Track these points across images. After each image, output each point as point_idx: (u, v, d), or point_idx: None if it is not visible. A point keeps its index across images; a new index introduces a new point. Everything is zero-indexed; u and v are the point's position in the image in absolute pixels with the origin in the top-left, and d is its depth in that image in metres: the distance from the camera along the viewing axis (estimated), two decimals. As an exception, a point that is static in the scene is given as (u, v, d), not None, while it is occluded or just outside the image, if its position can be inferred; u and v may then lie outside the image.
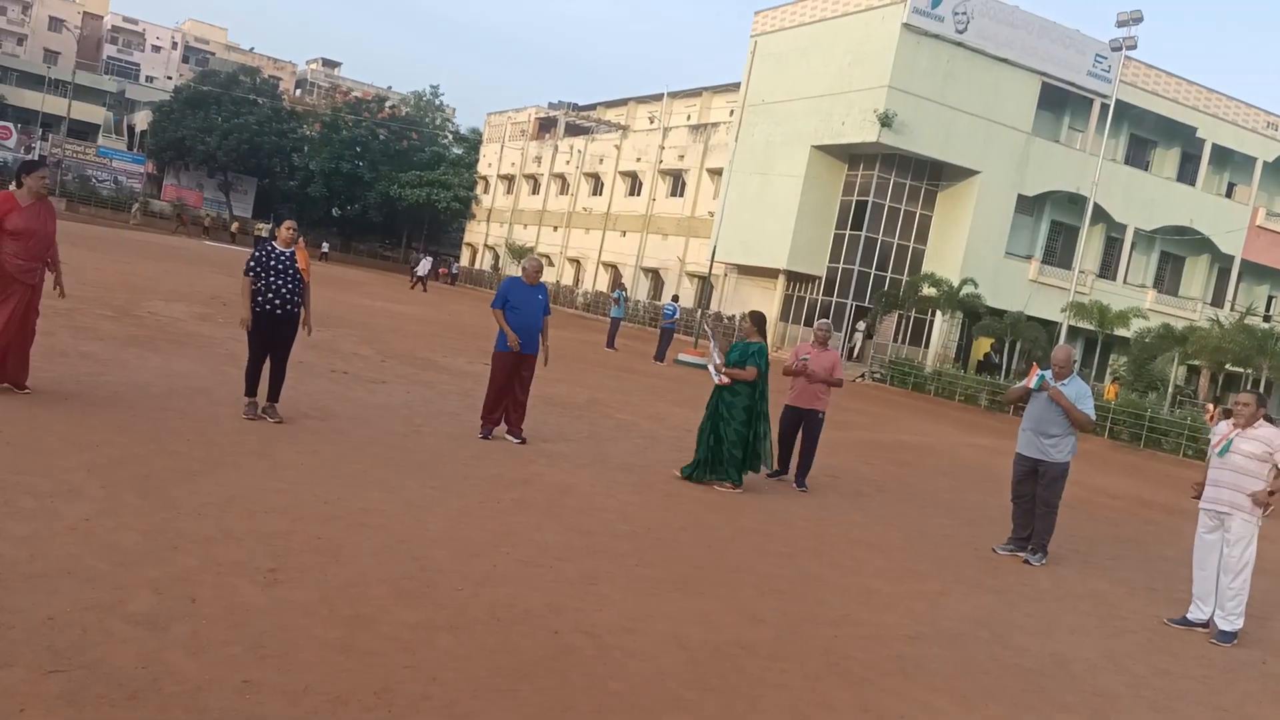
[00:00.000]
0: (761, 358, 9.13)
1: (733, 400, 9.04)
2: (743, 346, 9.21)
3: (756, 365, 9.06)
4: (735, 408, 9.02)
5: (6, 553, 4.36)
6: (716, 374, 9.15)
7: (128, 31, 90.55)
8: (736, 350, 9.23)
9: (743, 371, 9.03)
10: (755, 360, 9.07)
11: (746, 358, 9.09)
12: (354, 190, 69.12)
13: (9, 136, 66.94)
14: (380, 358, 14.39)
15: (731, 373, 9.06)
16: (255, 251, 8.54)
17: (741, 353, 9.15)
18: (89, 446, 6.40)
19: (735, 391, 9.04)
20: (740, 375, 9.04)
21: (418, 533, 5.84)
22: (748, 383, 9.06)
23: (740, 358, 9.12)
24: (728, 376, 9.04)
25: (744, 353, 9.14)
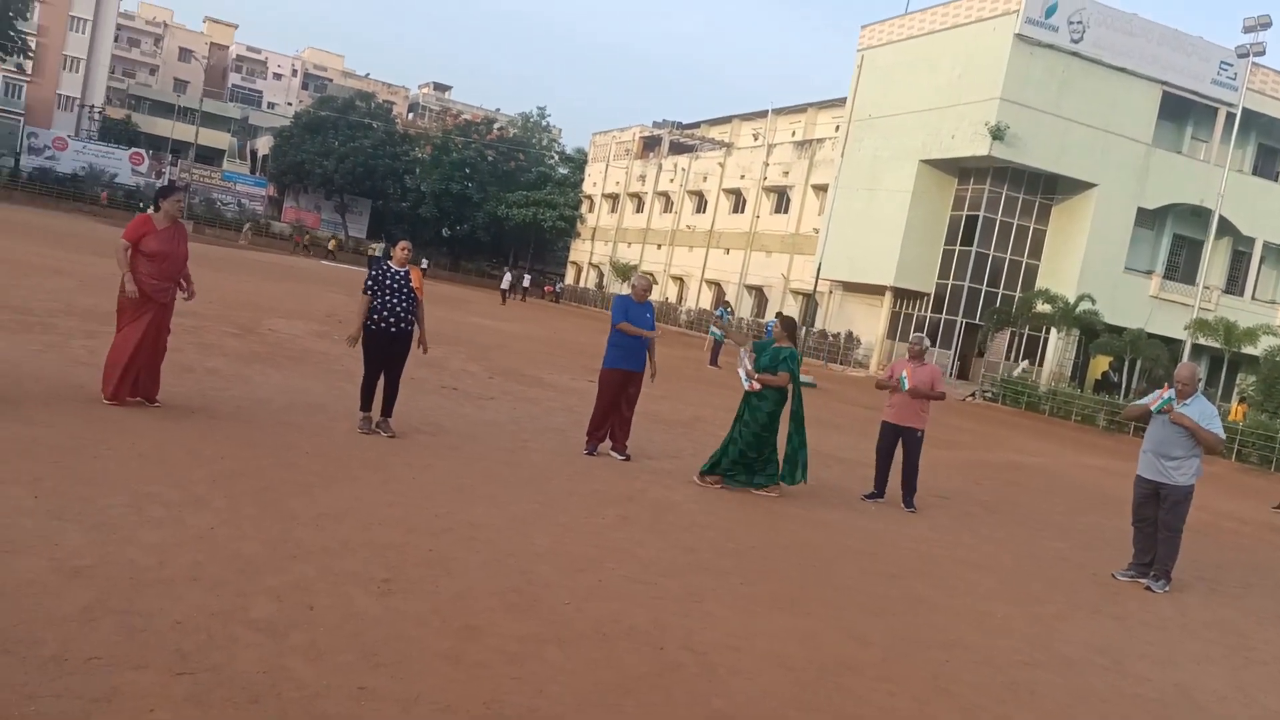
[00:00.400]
0: (794, 363, 8.99)
1: (759, 405, 8.89)
2: (774, 352, 9.04)
3: (789, 370, 8.92)
4: (760, 412, 8.87)
5: (138, 559, 4.58)
6: (747, 380, 8.92)
7: (251, 60, 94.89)
8: (767, 355, 9.04)
9: (775, 378, 8.87)
10: (787, 366, 8.93)
11: (778, 363, 8.93)
12: (463, 210, 70.82)
13: (141, 162, 70.73)
14: (488, 374, 14.66)
15: (764, 379, 8.87)
16: (371, 270, 8.81)
17: (772, 358, 8.98)
18: (214, 459, 6.68)
19: (763, 396, 8.88)
20: (772, 381, 8.87)
21: (524, 547, 5.91)
22: (777, 389, 8.93)
23: (771, 363, 8.94)
24: (759, 383, 8.86)
25: (775, 358, 8.97)
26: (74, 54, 74.30)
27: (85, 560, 4.44)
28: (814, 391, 23.78)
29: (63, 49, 73.66)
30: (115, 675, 3.43)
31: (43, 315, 12.07)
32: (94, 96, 75.84)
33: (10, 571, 4.15)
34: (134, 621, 3.90)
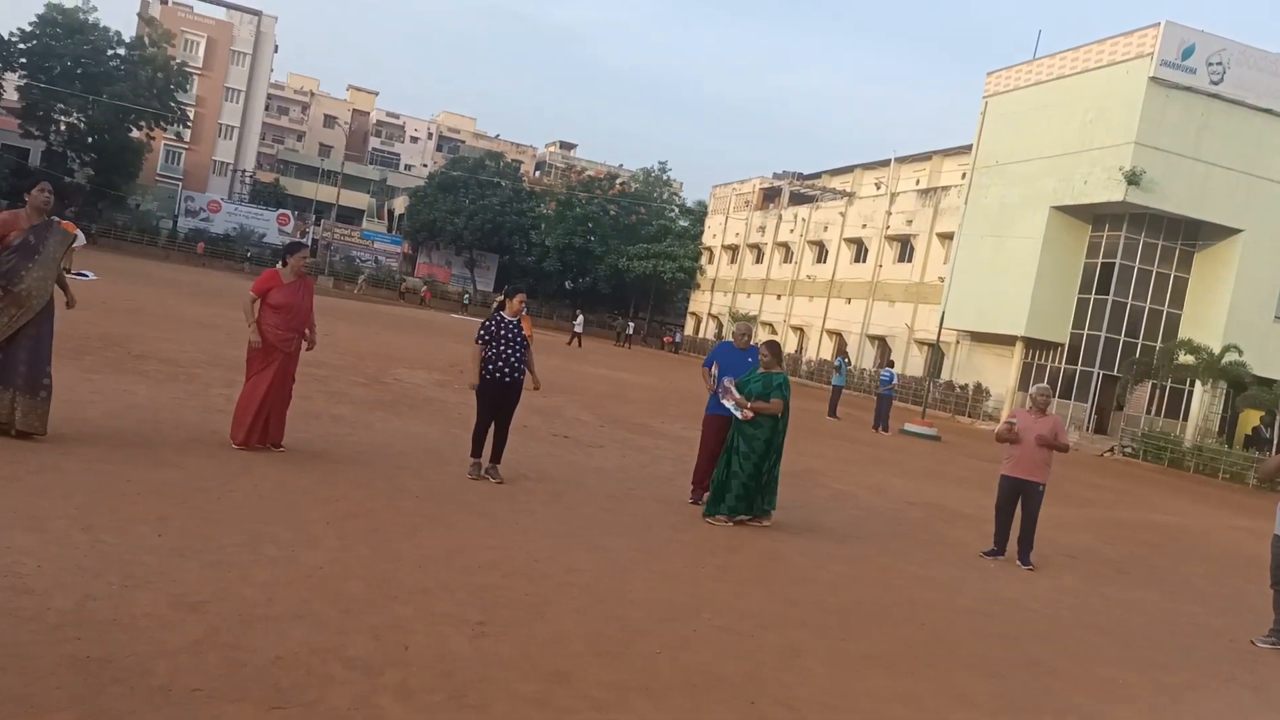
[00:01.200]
0: (786, 389, 8.76)
1: (754, 433, 8.64)
2: (765, 378, 8.80)
3: (782, 397, 8.70)
4: (756, 440, 8.63)
5: (249, 595, 4.78)
6: (738, 409, 8.65)
7: (390, 125, 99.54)
8: (758, 382, 8.80)
9: (767, 405, 8.64)
10: (780, 392, 8.71)
11: (770, 390, 8.70)
12: (585, 264, 72.17)
13: (288, 223, 74.71)
14: (600, 423, 14.81)
15: (757, 406, 8.64)
16: (486, 321, 9.06)
17: (765, 384, 8.74)
18: (330, 501, 6.94)
19: (757, 424, 8.64)
20: (765, 409, 8.64)
21: (620, 593, 5.92)
22: (771, 416, 8.69)
23: (764, 390, 8.71)
24: (752, 411, 8.61)
25: (767, 384, 8.74)
26: (228, 122, 79.47)
27: (200, 596, 4.66)
28: (936, 445, 23.13)
29: (218, 118, 78.89)
30: (214, 707, 3.58)
31: (187, 366, 12.82)
32: (246, 161, 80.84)
33: (130, 604, 4.39)
34: (238, 656, 4.06)
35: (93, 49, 61.82)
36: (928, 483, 14.92)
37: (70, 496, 5.86)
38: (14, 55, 61.02)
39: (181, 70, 68.01)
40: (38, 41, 60.71)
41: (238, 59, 79.33)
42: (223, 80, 78.64)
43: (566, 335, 48.23)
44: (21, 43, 60.78)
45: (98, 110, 60.85)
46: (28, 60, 60.88)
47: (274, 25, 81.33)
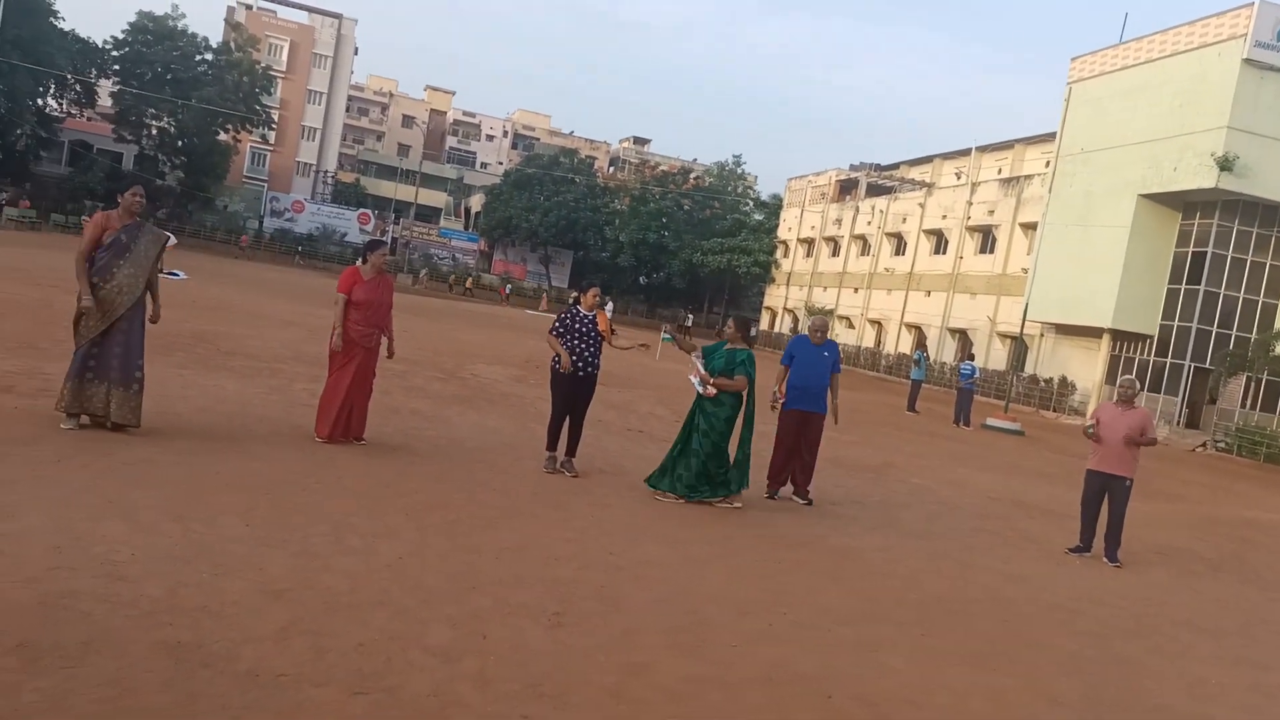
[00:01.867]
0: (750, 366, 8.54)
1: (715, 411, 8.44)
2: (729, 355, 8.58)
3: (746, 374, 8.48)
4: (717, 419, 8.43)
5: (333, 584, 4.89)
6: (702, 385, 8.47)
7: (466, 124, 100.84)
8: (721, 358, 8.59)
9: (731, 381, 8.44)
10: (744, 369, 8.49)
11: (734, 366, 8.49)
12: (659, 259, 72.21)
13: (368, 222, 76.20)
14: (674, 418, 14.76)
15: (720, 383, 8.44)
16: (561, 315, 9.14)
17: (728, 361, 8.53)
18: (409, 493, 7.07)
19: (719, 402, 8.45)
20: (729, 385, 8.45)
21: (696, 587, 5.91)
22: (734, 394, 8.50)
23: (727, 366, 8.51)
24: (715, 387, 8.42)
25: (730, 361, 8.53)
26: (311, 124, 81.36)
27: (286, 584, 4.78)
28: (1019, 440, 22.61)
29: (301, 120, 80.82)
30: (299, 692, 3.67)
31: (271, 361, 13.16)
32: (328, 162, 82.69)
33: (219, 592, 4.52)
34: (322, 642, 4.16)
35: (181, 55, 63.84)
36: (1010, 478, 14.59)
37: (163, 487, 6.06)
38: (108, 63, 63.36)
39: (266, 74, 69.85)
40: (130, 49, 62.95)
41: (319, 62, 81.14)
42: (305, 83, 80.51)
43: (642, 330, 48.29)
44: (115, 50, 63.07)
45: (187, 114, 62.81)
46: (120, 67, 63.18)
47: (354, 28, 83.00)
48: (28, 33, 51.15)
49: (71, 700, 3.31)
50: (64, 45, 57.59)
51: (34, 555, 4.55)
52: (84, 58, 61.53)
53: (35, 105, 57.49)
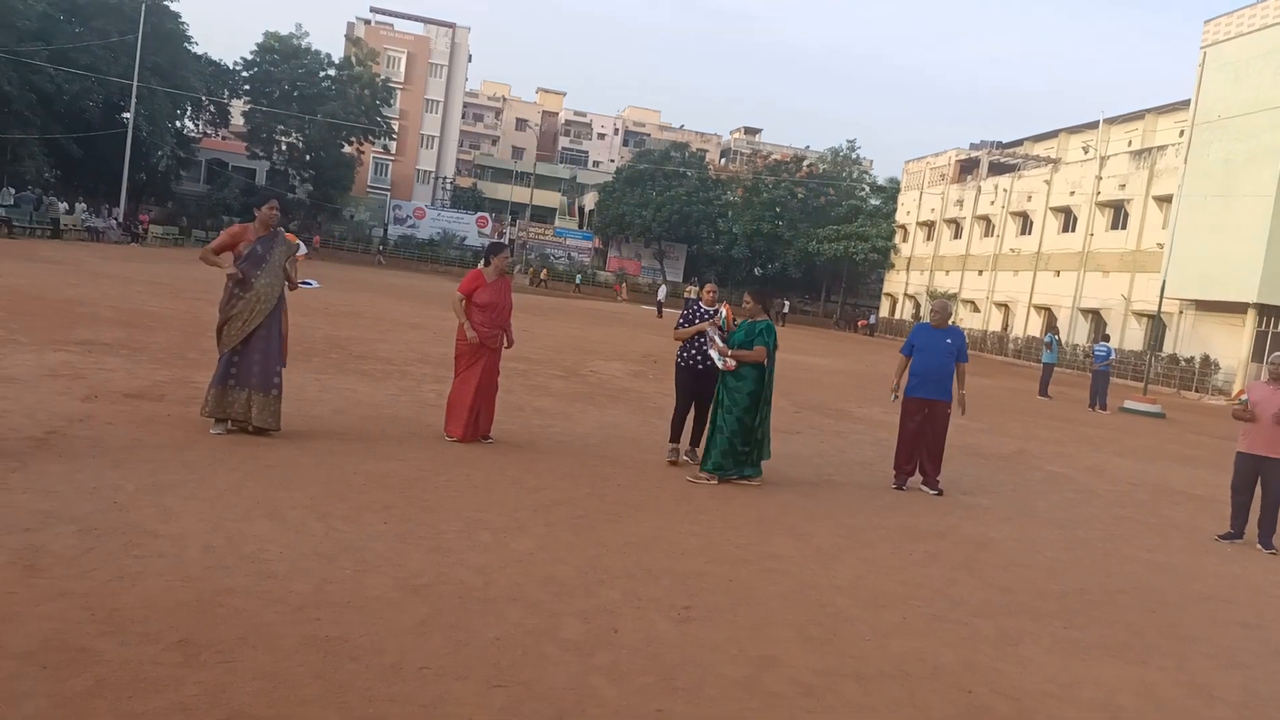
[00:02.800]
0: (770, 335, 8.22)
1: (738, 385, 8.19)
2: (748, 326, 8.30)
3: (765, 344, 8.17)
4: (740, 393, 8.17)
5: (466, 579, 5.01)
6: (720, 359, 8.19)
7: (578, 124, 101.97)
8: (741, 330, 8.32)
9: (750, 353, 8.18)
10: (763, 339, 8.19)
11: (754, 337, 8.21)
12: (773, 249, 71.58)
13: (486, 225, 77.90)
14: (795, 408, 14.65)
15: (739, 355, 8.19)
16: (684, 310, 9.21)
17: (747, 332, 8.26)
18: (536, 489, 7.19)
19: (740, 376, 8.18)
20: (747, 357, 8.18)
21: (825, 580, 5.84)
22: (755, 366, 8.19)
23: (746, 338, 8.23)
24: (734, 360, 8.15)
25: (750, 332, 8.24)
26: (429, 132, 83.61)
27: (423, 579, 4.92)
28: (1160, 423, 21.58)
29: (420, 129, 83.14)
30: (440, 684, 3.77)
31: (400, 364, 13.58)
32: (446, 169, 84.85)
33: (362, 588, 4.69)
34: (460, 636, 4.27)
35: (306, 72, 66.50)
36: (1152, 463, 13.94)
37: (305, 488, 6.32)
38: (239, 83, 66.49)
39: (386, 86, 72.14)
40: (258, 69, 65.92)
41: (435, 71, 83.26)
42: (422, 92, 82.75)
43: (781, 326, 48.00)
44: (244, 71, 66.14)
45: (313, 129, 65.38)
46: (250, 87, 66.24)
47: (467, 36, 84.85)
48: (166, 59, 54.06)
49: (230, 693, 3.48)
50: (198, 69, 60.64)
51: (191, 555, 4.81)
52: (217, 80, 64.69)
53: (174, 127, 60.72)
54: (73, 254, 30.66)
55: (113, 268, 26.47)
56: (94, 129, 50.47)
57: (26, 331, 11.60)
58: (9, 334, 11.20)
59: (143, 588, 4.31)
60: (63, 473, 5.89)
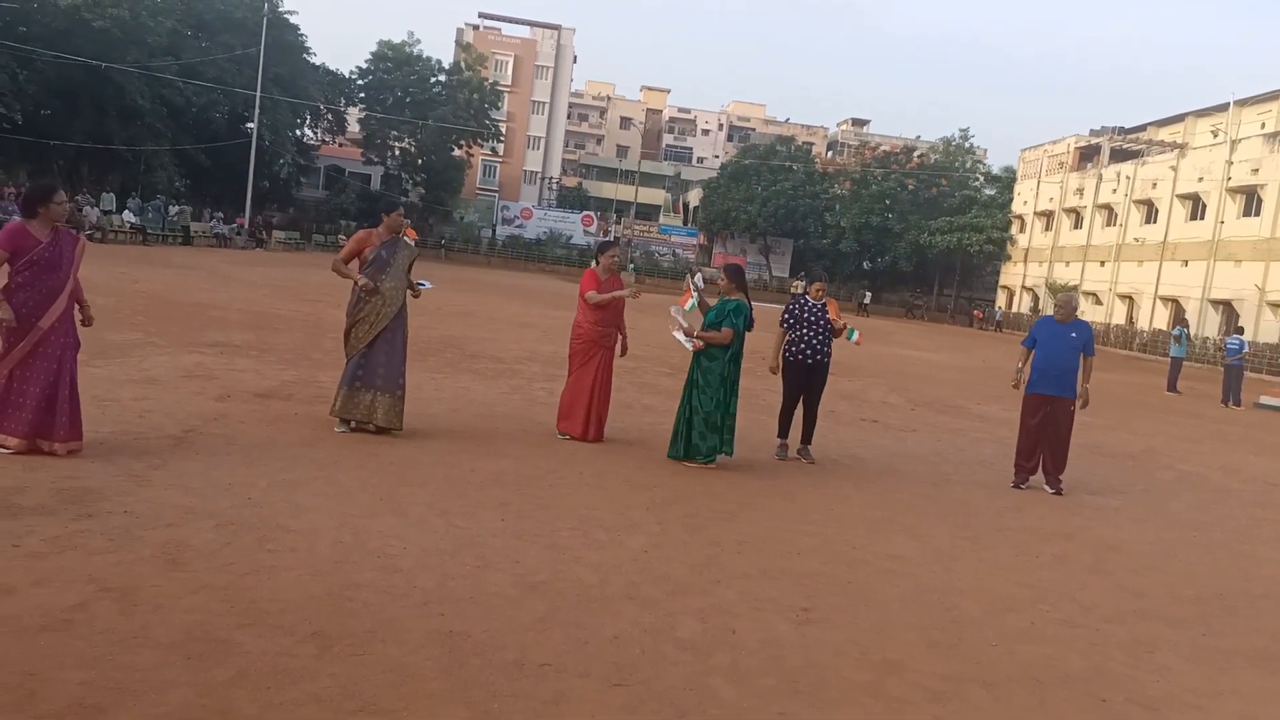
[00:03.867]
0: (739, 316, 7.90)
1: (709, 365, 7.93)
2: (719, 306, 8.03)
3: (733, 326, 7.87)
4: (711, 373, 7.90)
5: (583, 577, 5.06)
6: (687, 340, 7.92)
7: (682, 121, 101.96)
8: (712, 310, 8.06)
9: (717, 334, 7.91)
10: (731, 320, 7.89)
11: (723, 317, 7.92)
12: (883, 242, 70.28)
13: (591, 224, 78.57)
14: (909, 406, 14.35)
15: (705, 336, 7.92)
16: (789, 305, 9.12)
17: (718, 312, 7.99)
18: (647, 487, 7.21)
19: (711, 356, 7.92)
20: (714, 339, 7.92)
21: (947, 582, 5.69)
22: (725, 346, 7.90)
23: (716, 318, 7.95)
24: (700, 340, 7.90)
25: (720, 312, 7.97)
26: (535, 133, 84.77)
27: (541, 576, 4.99)
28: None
29: (526, 130, 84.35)
30: (562, 682, 3.81)
31: (511, 363, 13.81)
32: (552, 169, 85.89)
33: (482, 584, 4.78)
34: (579, 634, 4.31)
35: (418, 78, 68.18)
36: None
37: (426, 484, 6.48)
38: (354, 91, 68.62)
39: (494, 89, 73.41)
40: (373, 77, 67.90)
41: (541, 73, 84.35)
42: (529, 94, 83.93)
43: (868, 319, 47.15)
44: (360, 79, 68.25)
45: (425, 134, 67.02)
46: (366, 95, 68.27)
47: (572, 37, 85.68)
48: (286, 70, 56.18)
49: (361, 685, 3.58)
50: (317, 79, 62.80)
51: (321, 550, 4.98)
52: (334, 89, 66.85)
53: (295, 136, 62.99)
54: (202, 260, 32.13)
55: (239, 272, 27.64)
56: (220, 139, 52.75)
57: (163, 335, 12.20)
58: (147, 337, 11.79)
59: (277, 581, 4.48)
60: (200, 470, 6.17)
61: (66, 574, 4.26)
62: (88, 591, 4.10)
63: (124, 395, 8.18)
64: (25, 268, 5.98)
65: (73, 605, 3.95)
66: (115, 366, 9.42)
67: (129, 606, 4.01)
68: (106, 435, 6.69)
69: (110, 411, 7.44)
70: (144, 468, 6.05)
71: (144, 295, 17.06)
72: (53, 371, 6.02)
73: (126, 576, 4.31)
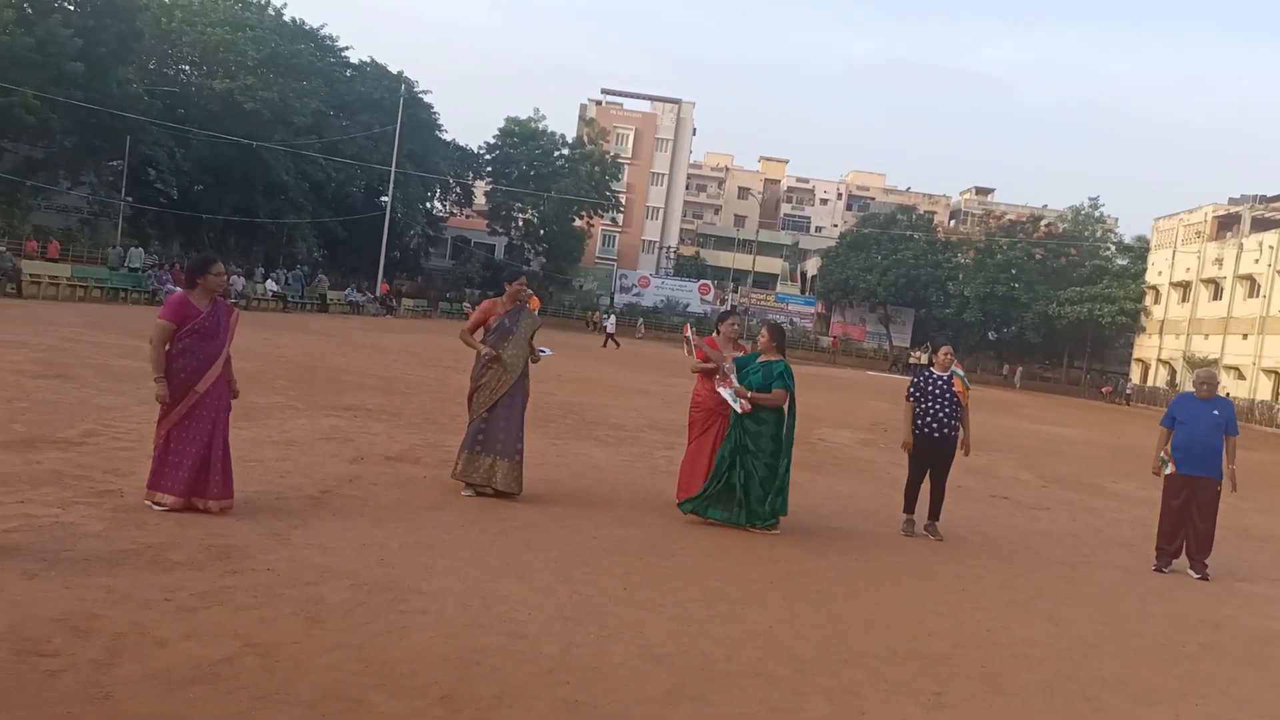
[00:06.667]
0: (789, 378, 7.73)
1: (759, 430, 7.78)
2: (765, 367, 7.84)
3: (785, 387, 7.72)
4: (762, 438, 7.77)
5: (708, 650, 5.01)
6: (736, 400, 7.69)
7: (800, 190, 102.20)
8: (758, 372, 7.83)
9: (770, 396, 7.74)
10: (783, 382, 7.76)
11: (772, 379, 7.74)
12: (1009, 312, 68.51)
13: (708, 292, 79.08)
14: (1041, 483, 13.84)
15: (757, 398, 7.70)
16: (914, 378, 8.98)
17: (765, 374, 7.77)
18: (771, 560, 7.13)
19: (759, 419, 7.75)
20: (767, 400, 7.79)
21: (1089, 670, 5.42)
22: (774, 409, 7.89)
23: (765, 381, 7.73)
24: (751, 403, 7.68)
25: (768, 374, 7.76)
26: (654, 204, 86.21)
27: (665, 648, 4.96)
28: None
29: (645, 201, 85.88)
30: (689, 755, 3.77)
31: (632, 430, 13.91)
32: (669, 238, 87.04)
33: (606, 653, 4.79)
34: (705, 710, 4.25)
35: (542, 152, 70.53)
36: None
37: (549, 550, 6.55)
38: (482, 166, 71.38)
39: (615, 162, 75.25)
40: (499, 152, 70.57)
41: (661, 145, 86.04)
42: (648, 166, 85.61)
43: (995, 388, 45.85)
44: (487, 154, 70.99)
45: (548, 205, 69.02)
46: (492, 168, 70.92)
47: (692, 111, 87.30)
48: (419, 146, 58.94)
49: (491, 749, 3.62)
50: (447, 154, 65.65)
51: (450, 612, 5.08)
52: (463, 163, 69.71)
53: (425, 208, 65.78)
54: (337, 326, 33.56)
55: (371, 338, 28.75)
56: (357, 212, 55.44)
57: (302, 398, 12.75)
58: (288, 400, 12.35)
59: (408, 642, 4.58)
60: (336, 530, 6.40)
61: (214, 628, 4.46)
62: (233, 646, 4.28)
63: (267, 456, 8.56)
64: (186, 335, 6.38)
65: (220, 659, 4.12)
66: (259, 428, 9.89)
67: (271, 662, 4.16)
68: (251, 494, 7.01)
69: (254, 471, 7.80)
70: (285, 526, 6.31)
71: (284, 360, 17.90)
72: (207, 433, 6.36)
73: (269, 632, 4.49)
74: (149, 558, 5.32)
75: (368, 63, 61.27)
